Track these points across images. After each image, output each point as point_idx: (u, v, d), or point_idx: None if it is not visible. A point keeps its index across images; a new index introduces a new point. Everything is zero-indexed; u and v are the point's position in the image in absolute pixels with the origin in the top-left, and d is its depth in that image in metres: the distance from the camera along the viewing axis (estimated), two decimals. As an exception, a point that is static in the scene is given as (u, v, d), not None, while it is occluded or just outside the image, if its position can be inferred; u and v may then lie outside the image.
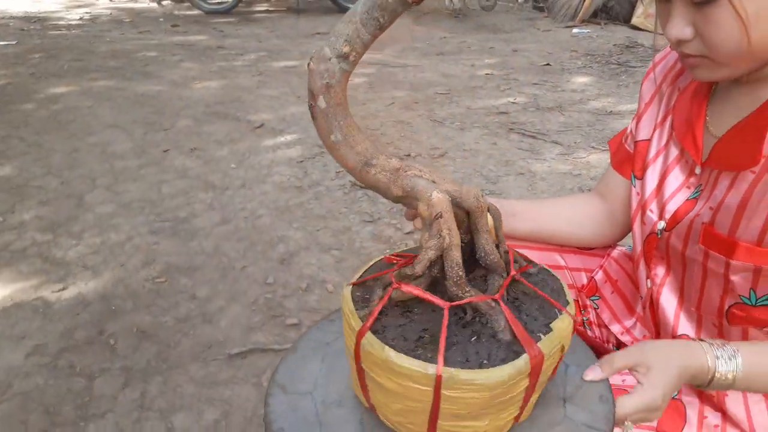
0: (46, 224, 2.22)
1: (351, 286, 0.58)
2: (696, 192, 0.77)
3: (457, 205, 0.56)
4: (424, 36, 5.52)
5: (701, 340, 0.68)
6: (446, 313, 0.51)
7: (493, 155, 2.82)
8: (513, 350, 0.51)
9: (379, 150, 0.59)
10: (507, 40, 5.39)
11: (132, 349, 1.56)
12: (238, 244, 2.06)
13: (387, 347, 0.50)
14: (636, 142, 0.90)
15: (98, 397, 1.40)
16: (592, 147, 2.87)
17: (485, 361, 0.50)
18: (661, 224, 0.80)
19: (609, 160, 0.97)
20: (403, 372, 0.49)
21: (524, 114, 3.38)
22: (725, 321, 0.74)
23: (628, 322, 0.97)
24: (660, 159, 0.84)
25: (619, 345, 0.99)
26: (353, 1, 6.70)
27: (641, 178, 0.86)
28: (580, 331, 1.00)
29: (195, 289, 1.81)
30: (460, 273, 0.53)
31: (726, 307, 0.73)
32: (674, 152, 0.82)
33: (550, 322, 0.55)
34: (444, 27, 5.85)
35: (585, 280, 0.99)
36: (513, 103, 3.58)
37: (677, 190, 0.79)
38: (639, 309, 0.97)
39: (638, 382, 0.64)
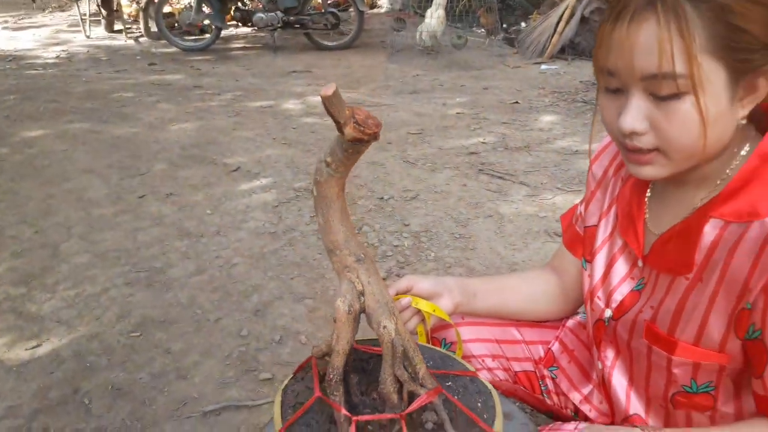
0: (20, 276, 2.23)
1: (281, 394, 0.67)
2: (639, 284, 0.81)
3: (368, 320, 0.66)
4: (398, 74, 5.66)
5: (643, 427, 0.74)
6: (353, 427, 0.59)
7: (463, 197, 2.90)
8: None
9: (351, 240, 0.68)
10: (478, 77, 5.55)
11: (106, 409, 1.58)
12: (213, 295, 2.10)
13: None
14: (585, 227, 0.94)
15: (72, 460, 1.42)
16: (558, 188, 2.97)
17: None
18: (608, 312, 0.84)
19: (565, 224, 1.02)
20: None
21: (493, 154, 3.49)
22: (670, 406, 0.80)
23: (586, 389, 1.01)
24: (606, 247, 0.88)
25: (577, 411, 1.03)
26: (329, 38, 6.84)
27: (591, 262, 0.90)
28: (539, 399, 1.06)
29: (170, 343, 1.84)
30: (332, 377, 0.63)
31: (670, 394, 0.79)
32: (619, 242, 0.86)
33: None
34: (417, 65, 6.01)
35: (542, 353, 1.04)
36: (483, 143, 3.69)
37: (622, 281, 0.83)
38: (595, 376, 1.01)
39: None
